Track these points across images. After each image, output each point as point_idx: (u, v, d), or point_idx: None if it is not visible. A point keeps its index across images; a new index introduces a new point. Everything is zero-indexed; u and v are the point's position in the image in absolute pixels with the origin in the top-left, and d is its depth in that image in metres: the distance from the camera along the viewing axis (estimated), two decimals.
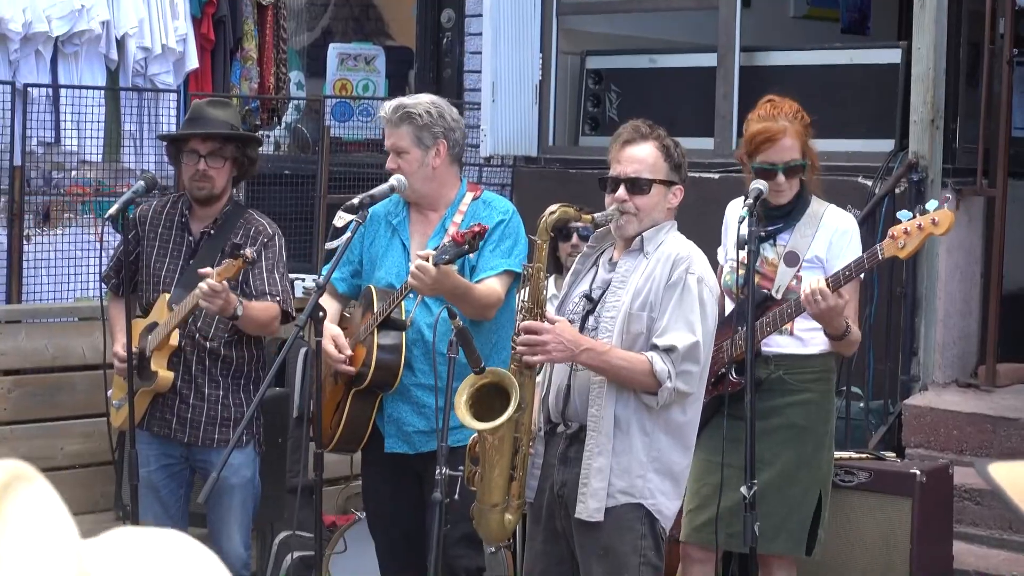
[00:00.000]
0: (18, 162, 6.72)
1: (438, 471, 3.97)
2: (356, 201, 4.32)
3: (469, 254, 4.24)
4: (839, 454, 5.06)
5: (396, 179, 4.56)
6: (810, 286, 4.38)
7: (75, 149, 6.99)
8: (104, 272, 5.20)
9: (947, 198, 5.00)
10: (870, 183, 6.97)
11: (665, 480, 4.04)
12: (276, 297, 4.87)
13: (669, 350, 3.94)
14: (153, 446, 4.96)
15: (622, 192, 4.07)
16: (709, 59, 7.86)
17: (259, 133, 6.93)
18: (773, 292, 4.63)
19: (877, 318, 6.56)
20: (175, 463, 4.99)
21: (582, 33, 8.65)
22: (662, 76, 8.25)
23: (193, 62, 7.33)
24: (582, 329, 4.06)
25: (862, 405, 6.68)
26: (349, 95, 9.24)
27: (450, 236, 4.21)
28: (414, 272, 4.20)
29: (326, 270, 4.32)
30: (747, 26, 7.85)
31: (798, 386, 4.64)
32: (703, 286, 4.02)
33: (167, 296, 4.90)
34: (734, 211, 4.78)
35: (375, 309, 4.58)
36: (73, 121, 6.95)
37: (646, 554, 4.02)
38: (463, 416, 3.92)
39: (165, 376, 4.87)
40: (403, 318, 4.54)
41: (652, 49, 8.44)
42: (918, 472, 5.24)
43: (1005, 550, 6.06)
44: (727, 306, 4.70)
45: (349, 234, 4.40)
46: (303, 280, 6.97)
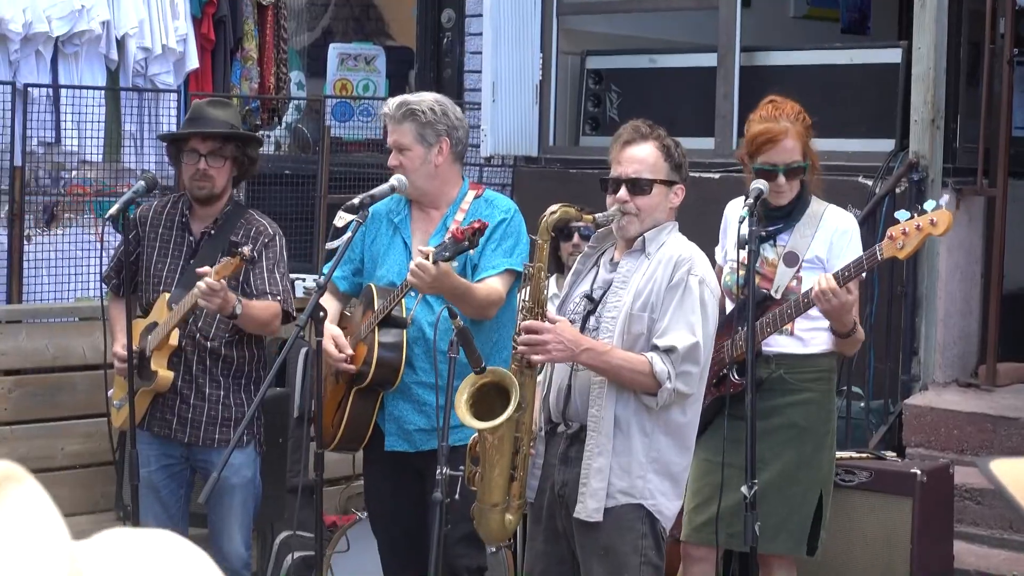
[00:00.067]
0: (18, 162, 6.72)
1: (439, 471, 3.96)
2: (356, 201, 4.32)
3: (469, 250, 4.24)
4: (839, 454, 5.06)
5: (396, 179, 4.56)
6: (819, 285, 4.37)
7: (75, 149, 6.99)
8: (105, 272, 5.19)
9: (945, 198, 5.00)
10: (870, 183, 6.97)
11: (665, 481, 4.04)
12: (277, 296, 4.86)
13: (669, 351, 3.93)
14: (154, 446, 4.96)
15: (623, 193, 4.07)
16: (709, 59, 7.86)
17: (259, 133, 6.92)
18: (772, 292, 4.63)
19: (878, 318, 6.56)
20: (175, 463, 4.99)
21: (582, 33, 8.65)
22: (662, 76, 8.25)
23: (193, 62, 7.33)
24: (583, 329, 4.05)
25: (863, 405, 6.67)
26: (349, 95, 9.24)
27: (450, 233, 4.20)
28: (413, 270, 4.19)
29: (327, 269, 4.32)
30: (747, 26, 7.85)
31: (799, 386, 4.64)
32: (705, 288, 4.01)
33: (167, 296, 4.89)
34: (734, 210, 4.78)
35: (375, 307, 4.58)
36: (73, 121, 6.95)
37: (647, 554, 4.02)
38: (463, 415, 3.91)
39: (165, 376, 4.87)
40: (404, 316, 4.54)
41: (652, 49, 8.44)
42: (919, 472, 5.24)
43: (1006, 550, 6.05)
44: (727, 306, 4.70)
45: (350, 234, 4.40)
46: (304, 280, 6.98)
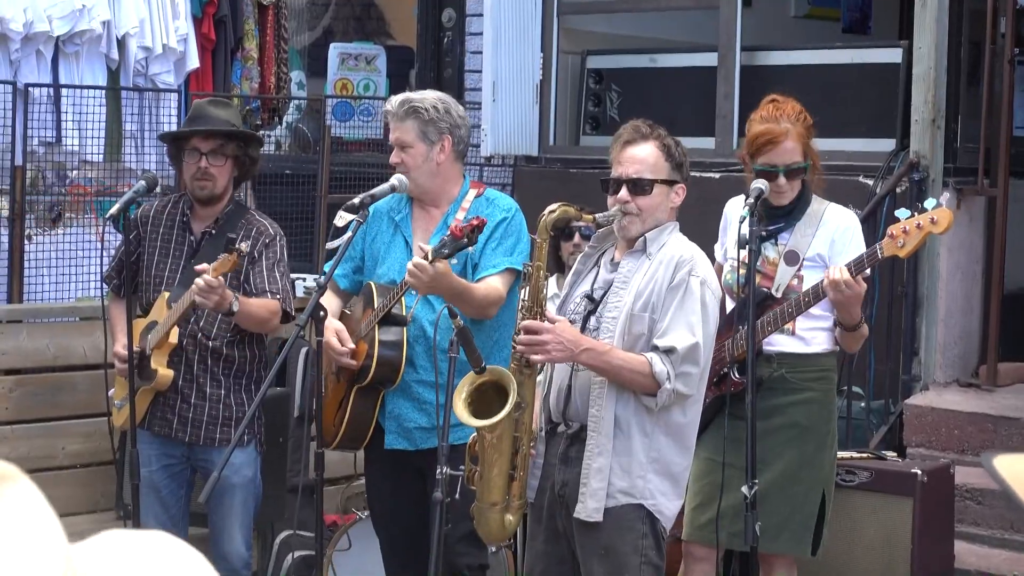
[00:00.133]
0: (19, 162, 6.72)
1: (439, 470, 3.96)
2: (357, 200, 4.32)
3: (468, 247, 4.24)
4: (840, 454, 5.05)
5: (397, 178, 4.56)
6: (832, 275, 4.37)
7: (76, 149, 6.99)
8: (105, 272, 5.19)
9: (946, 196, 5.00)
10: (871, 183, 6.97)
11: (665, 481, 4.04)
12: (276, 295, 4.86)
13: (669, 351, 3.93)
14: (154, 446, 4.95)
15: (624, 193, 4.06)
16: (710, 59, 7.86)
17: (260, 133, 6.91)
18: (773, 291, 4.62)
19: (878, 318, 6.55)
20: (176, 463, 4.99)
21: (583, 33, 8.65)
22: (663, 76, 8.25)
23: (194, 62, 7.33)
24: (583, 329, 4.05)
25: (863, 405, 6.67)
26: (350, 95, 9.24)
27: (449, 230, 4.20)
28: (411, 270, 4.19)
29: (328, 268, 4.32)
30: (748, 26, 7.85)
31: (800, 385, 4.63)
32: (706, 288, 4.01)
33: (167, 295, 4.89)
34: (734, 207, 4.77)
35: (375, 305, 4.58)
36: (74, 121, 6.95)
37: (647, 554, 4.02)
38: (461, 413, 3.91)
39: (165, 374, 4.87)
40: (403, 314, 4.54)
41: (653, 49, 8.44)
42: (919, 472, 5.24)
43: (1006, 550, 6.05)
44: (728, 305, 4.70)
45: (350, 233, 4.40)
46: (304, 280, 6.98)
